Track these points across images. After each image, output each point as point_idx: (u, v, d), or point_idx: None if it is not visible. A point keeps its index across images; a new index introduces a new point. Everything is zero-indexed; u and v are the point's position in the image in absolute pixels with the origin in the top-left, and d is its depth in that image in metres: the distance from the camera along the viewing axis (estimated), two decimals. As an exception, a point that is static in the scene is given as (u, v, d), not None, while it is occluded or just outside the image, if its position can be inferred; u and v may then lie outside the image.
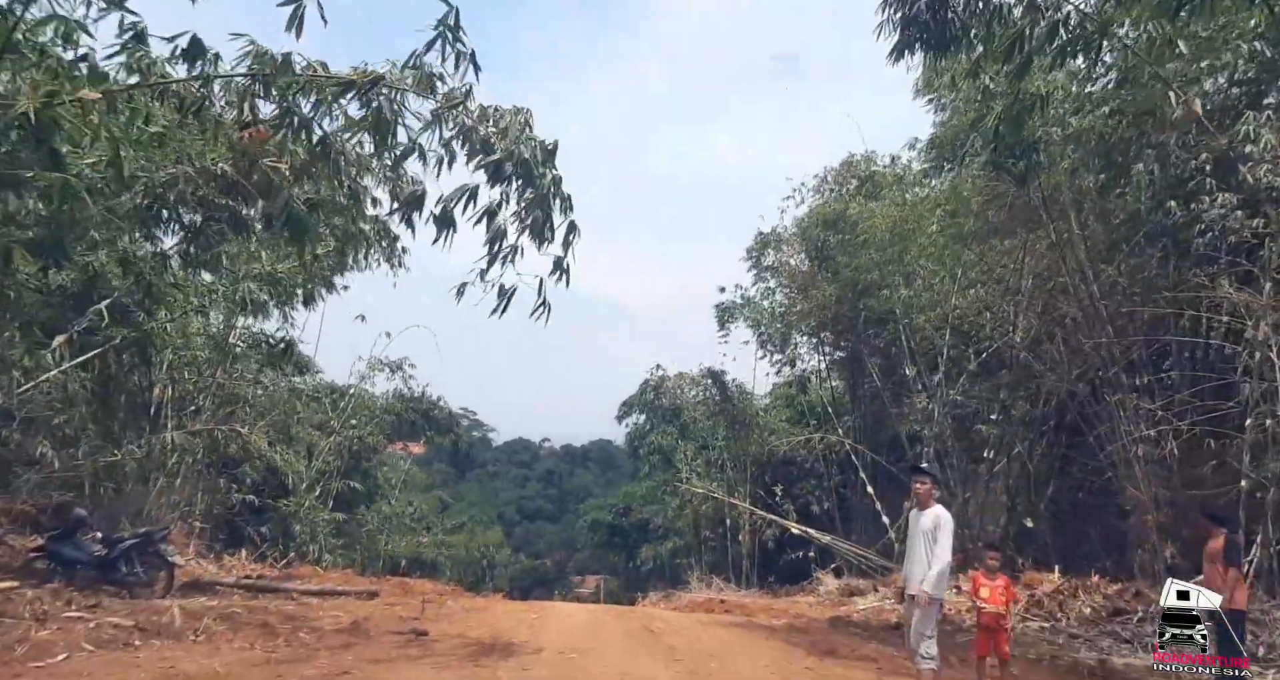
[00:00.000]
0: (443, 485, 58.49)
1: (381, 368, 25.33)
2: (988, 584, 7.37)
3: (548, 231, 5.42)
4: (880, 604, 12.30)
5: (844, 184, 20.95)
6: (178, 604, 7.48)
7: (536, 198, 5.26)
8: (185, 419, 15.41)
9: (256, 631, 6.65)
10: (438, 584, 14.83)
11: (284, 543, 20.15)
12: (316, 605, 8.86)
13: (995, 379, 17.38)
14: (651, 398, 28.73)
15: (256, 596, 9.83)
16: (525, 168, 5.14)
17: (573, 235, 5.63)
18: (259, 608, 8.03)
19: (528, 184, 5.31)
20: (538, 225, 5.40)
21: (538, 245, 5.50)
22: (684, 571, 29.16)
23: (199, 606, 7.57)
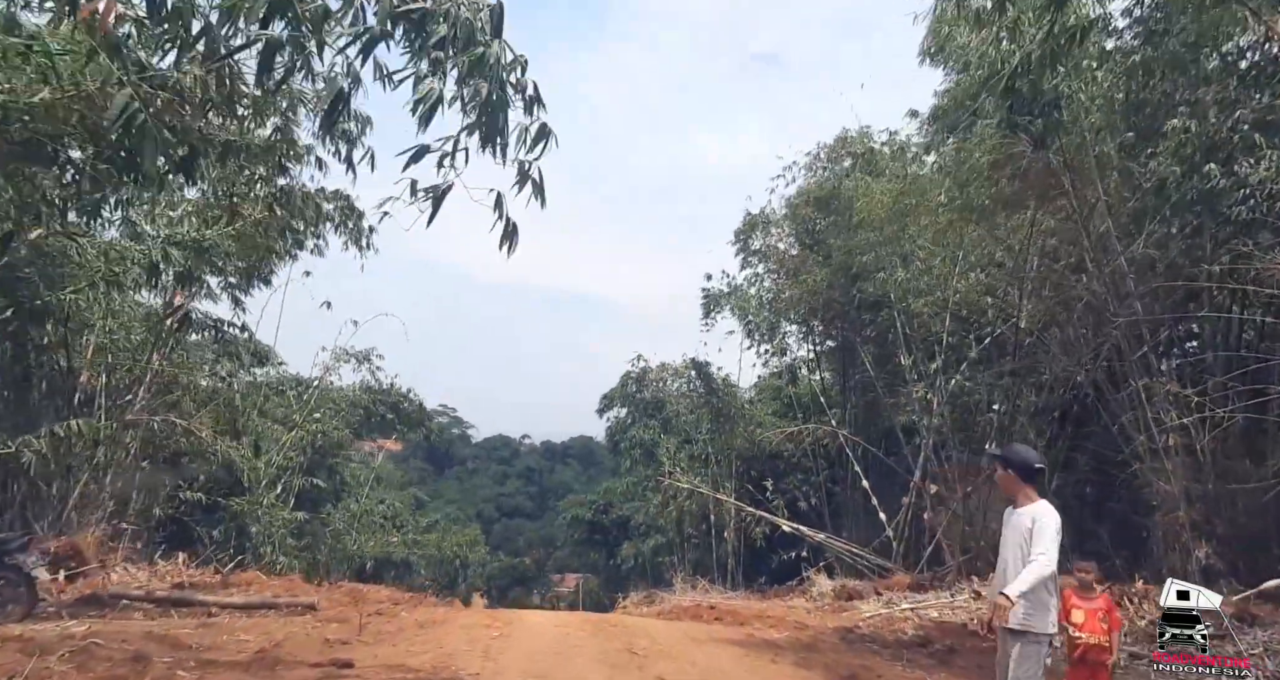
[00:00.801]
0: (420, 482, 56.78)
1: (347, 358, 23.71)
2: (1082, 606, 5.69)
3: (500, 127, 3.90)
4: (888, 611, 10.89)
5: (837, 162, 19.56)
6: (31, 629, 5.93)
7: (482, 75, 3.74)
8: (120, 409, 13.76)
9: (119, 669, 5.11)
10: (396, 590, 13.27)
11: (237, 544, 18.49)
12: (227, 625, 7.32)
13: (998, 366, 16.05)
14: (633, 390, 27.26)
15: (166, 612, 8.26)
16: (465, 30, 3.63)
17: (545, 141, 4.10)
18: (151, 631, 6.50)
19: (474, 68, 3.80)
20: (490, 122, 3.89)
21: (487, 147, 3.98)
22: (666, 570, 27.72)
23: (54, 636, 6.01)
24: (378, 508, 30.83)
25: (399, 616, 10.12)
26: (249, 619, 7.91)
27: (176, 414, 13.79)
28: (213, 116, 7.77)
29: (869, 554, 16.19)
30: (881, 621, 10.20)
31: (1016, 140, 11.32)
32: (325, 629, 7.67)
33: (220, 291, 15.07)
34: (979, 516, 16.10)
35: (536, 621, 9.80)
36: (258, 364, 23.10)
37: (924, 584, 12.95)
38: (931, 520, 16.63)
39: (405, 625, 8.70)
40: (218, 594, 10.33)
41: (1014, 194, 12.93)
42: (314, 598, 9.15)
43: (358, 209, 12.07)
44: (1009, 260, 16.43)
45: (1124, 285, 11.67)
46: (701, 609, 12.58)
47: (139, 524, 14.64)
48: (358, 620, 8.44)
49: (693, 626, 10.06)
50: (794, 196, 19.93)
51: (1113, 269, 11.75)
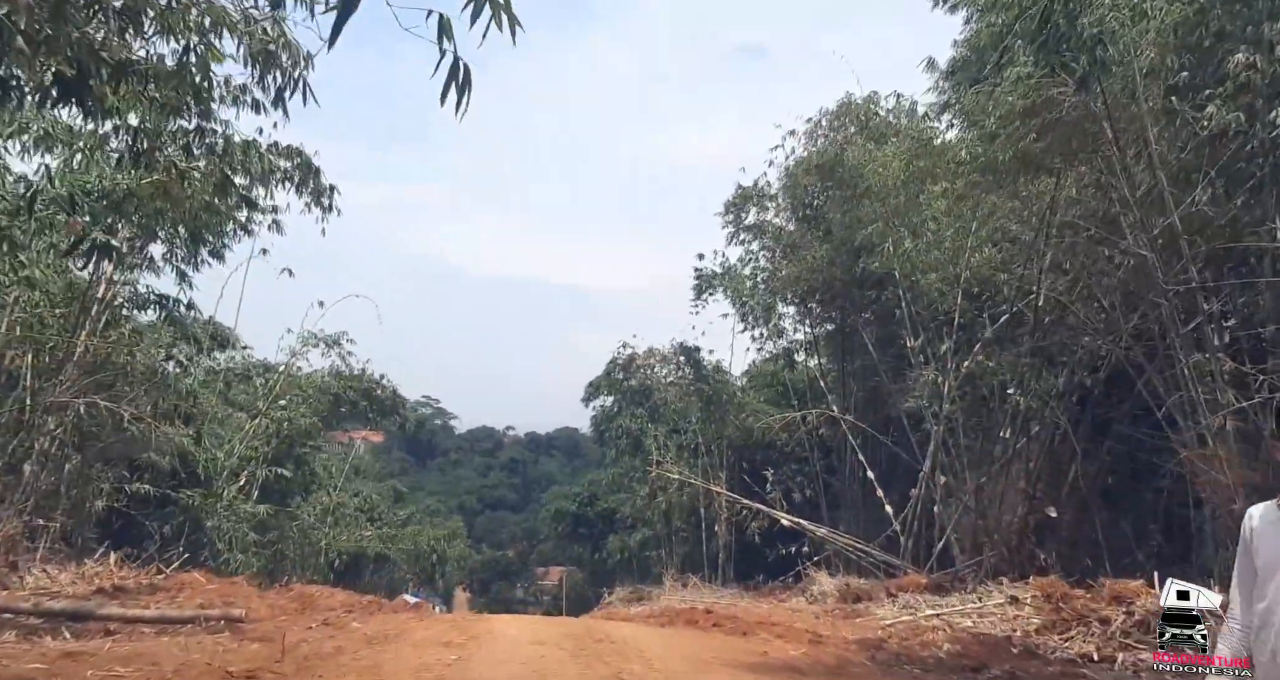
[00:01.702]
0: (401, 474, 55.17)
1: (316, 343, 22.04)
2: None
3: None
4: (911, 618, 9.47)
5: (840, 130, 18.06)
6: None
7: None
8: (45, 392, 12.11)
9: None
10: (352, 595, 11.70)
11: (194, 540, 16.87)
12: (108, 652, 5.77)
13: (1015, 348, 14.66)
14: (619, 377, 25.72)
15: (55, 630, 6.68)
16: None
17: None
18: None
19: None
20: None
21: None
22: (654, 565, 26.33)
23: None
24: (352, 500, 29.27)
25: (347, 628, 8.59)
26: (146, 642, 6.36)
27: (108, 397, 12.11)
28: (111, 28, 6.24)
29: (875, 550, 14.78)
30: (906, 631, 8.77)
31: (1056, 81, 9.87)
32: (241, 652, 6.13)
33: (163, 263, 13.41)
34: (993, 510, 14.74)
35: (509, 634, 8.29)
36: (219, 348, 21.44)
37: (944, 585, 11.55)
38: (941, 514, 15.27)
39: (348, 643, 7.17)
40: (132, 604, 8.75)
41: (1044, 151, 11.47)
42: (240, 609, 7.60)
43: (314, 165, 10.46)
44: (1026, 232, 15.07)
45: (1174, 250, 10.26)
46: (697, 613, 11.11)
47: (70, 520, 12.99)
48: (288, 638, 6.91)
49: (691, 640, 8.59)
50: (793, 165, 18.39)
51: (1160, 231, 10.33)
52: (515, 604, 51.70)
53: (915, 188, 15.45)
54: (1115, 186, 11.11)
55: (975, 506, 14.74)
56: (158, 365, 13.05)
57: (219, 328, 20.55)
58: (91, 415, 12.28)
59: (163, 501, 16.40)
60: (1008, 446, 14.75)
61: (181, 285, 13.31)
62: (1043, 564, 13.74)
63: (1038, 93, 9.99)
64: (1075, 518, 14.61)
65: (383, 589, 36.03)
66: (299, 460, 22.84)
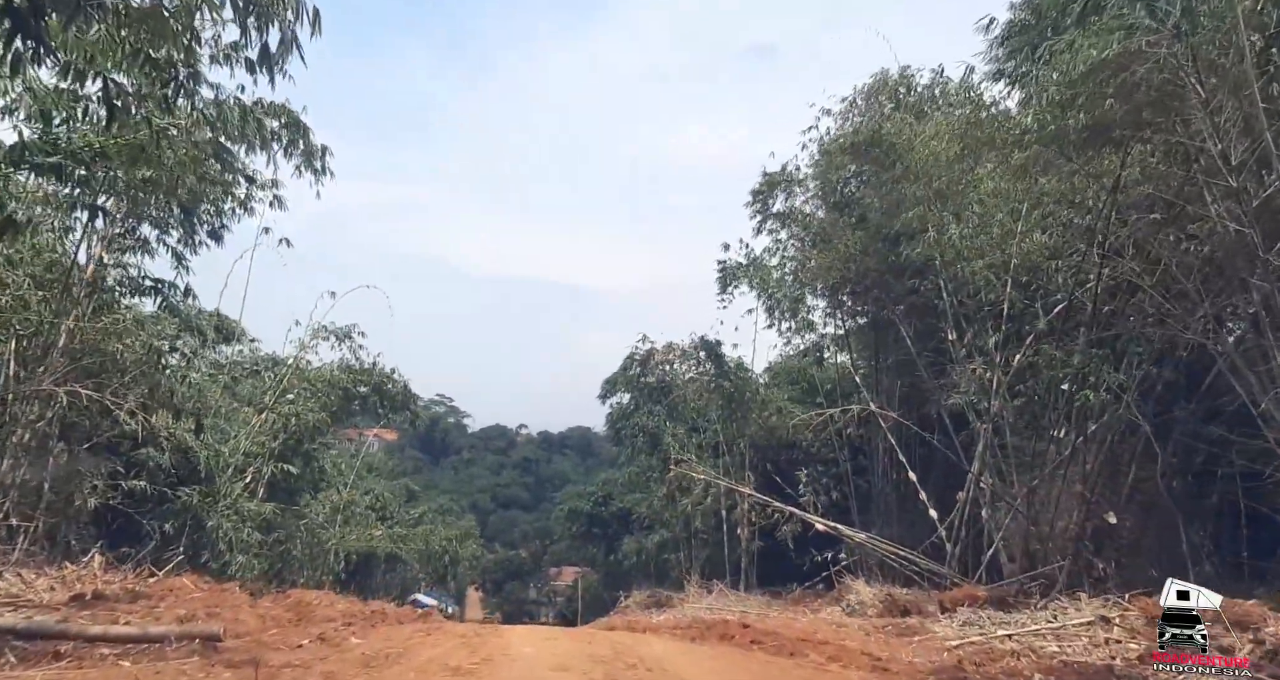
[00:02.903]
0: (414, 472, 54.23)
1: (326, 335, 20.98)
2: None
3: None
4: (982, 639, 8.26)
5: (877, 108, 16.85)
6: None
7: None
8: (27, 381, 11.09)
9: None
10: (354, 603, 10.58)
11: (195, 540, 15.83)
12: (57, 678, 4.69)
13: (1072, 340, 13.42)
14: (637, 373, 24.55)
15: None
16: None
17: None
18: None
19: None
20: None
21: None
22: (671, 567, 25.17)
23: None
24: (363, 499, 28.23)
25: (344, 645, 7.48)
26: (96, 669, 5.26)
27: (95, 386, 11.06)
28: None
29: (919, 558, 13.55)
30: (979, 655, 7.56)
31: (1145, 29, 8.65)
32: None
33: (158, 244, 12.35)
34: (1046, 515, 13.49)
35: (525, 655, 7.14)
36: (224, 341, 20.47)
37: (1006, 599, 10.31)
38: (988, 520, 14.03)
39: (340, 668, 6.06)
40: (106, 615, 7.67)
41: (1122, 116, 10.23)
42: (218, 626, 6.49)
43: (302, 123, 9.40)
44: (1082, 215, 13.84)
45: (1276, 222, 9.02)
46: (731, 627, 9.93)
47: (54, 519, 11.96)
48: (272, 660, 5.81)
49: (732, 663, 7.43)
50: (827, 144, 17.16)
51: (1263, 203, 9.09)
52: (528, 604, 50.65)
53: (962, 166, 14.26)
54: (1201, 153, 9.88)
55: (1027, 512, 13.50)
56: (150, 354, 11.94)
57: (224, 320, 19.58)
58: (78, 406, 11.24)
59: (162, 499, 15.35)
60: (1062, 447, 13.52)
61: (179, 269, 12.25)
62: (1101, 574, 12.52)
63: (1130, 38, 8.74)
64: (1136, 525, 13.38)
65: (395, 588, 35.01)
66: (307, 457, 21.79)
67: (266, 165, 10.01)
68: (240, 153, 9.80)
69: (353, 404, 22.19)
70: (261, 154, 9.44)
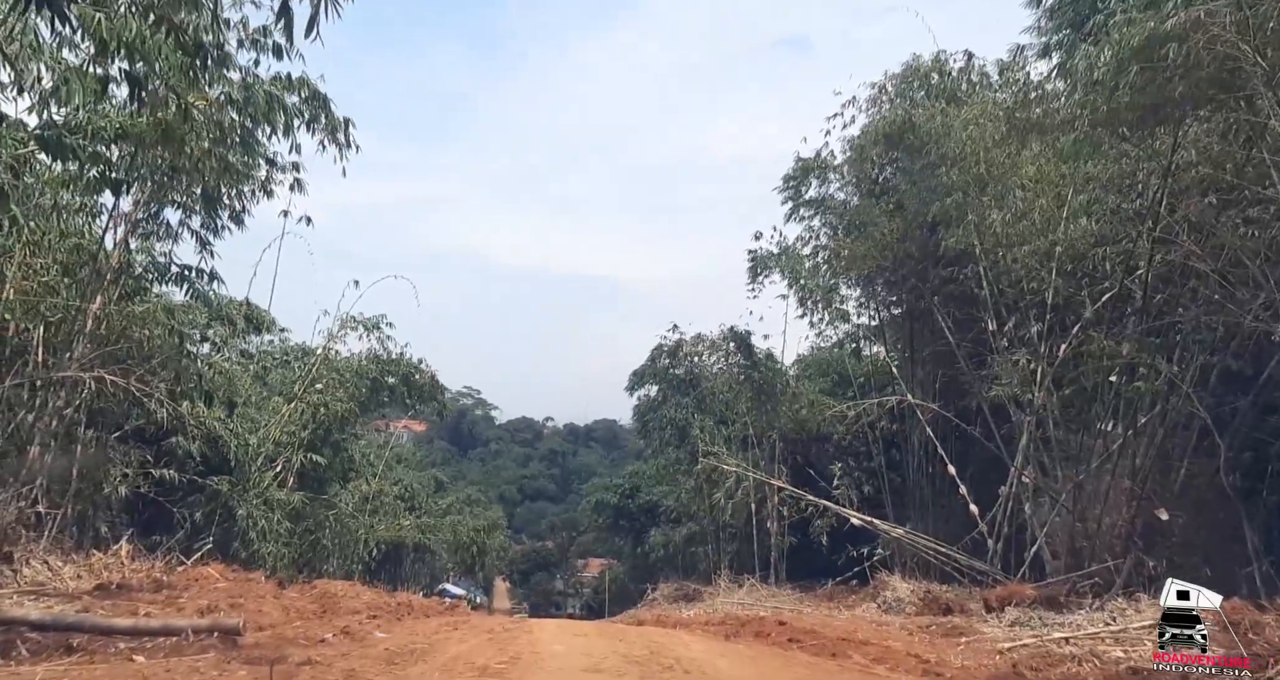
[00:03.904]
0: (443, 464, 54.29)
1: (354, 325, 20.77)
2: None
3: None
4: (1036, 641, 7.74)
5: (907, 95, 16.23)
6: None
7: None
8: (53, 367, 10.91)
9: None
10: (379, 594, 10.30)
11: (225, 529, 15.70)
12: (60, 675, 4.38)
13: (1120, 329, 12.77)
14: (665, 365, 24.08)
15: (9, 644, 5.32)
16: None
17: None
18: None
19: None
20: None
21: None
22: (699, 561, 24.74)
23: None
24: (392, 489, 28.12)
25: (368, 639, 7.16)
26: (105, 666, 4.94)
27: (121, 373, 10.84)
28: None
29: (960, 554, 12.98)
30: (1035, 660, 7.05)
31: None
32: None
33: (181, 228, 12.11)
34: (1093, 511, 12.87)
35: (555, 653, 6.77)
36: (254, 330, 20.34)
37: (1056, 598, 9.75)
38: (1031, 515, 13.43)
39: (363, 665, 5.72)
40: (126, 606, 7.41)
41: (1179, 94, 9.58)
42: (237, 619, 6.17)
43: (323, 95, 9.05)
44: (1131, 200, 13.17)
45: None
46: (767, 624, 9.50)
47: (83, 506, 11.80)
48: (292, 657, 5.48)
49: (772, 663, 6.99)
50: (859, 135, 16.60)
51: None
52: (555, 595, 50.52)
53: (1003, 151, 13.63)
54: (1265, 132, 9.23)
55: (1072, 507, 12.90)
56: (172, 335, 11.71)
57: (254, 309, 19.43)
58: (105, 393, 11.03)
59: (192, 488, 15.21)
60: (1110, 440, 12.89)
61: (202, 253, 11.99)
62: (1152, 573, 11.87)
63: (1189, 8, 8.12)
64: (1189, 522, 12.69)
65: (424, 578, 34.99)
66: (336, 447, 21.64)
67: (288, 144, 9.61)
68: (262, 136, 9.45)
69: (381, 394, 21.96)
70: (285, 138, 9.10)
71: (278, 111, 8.95)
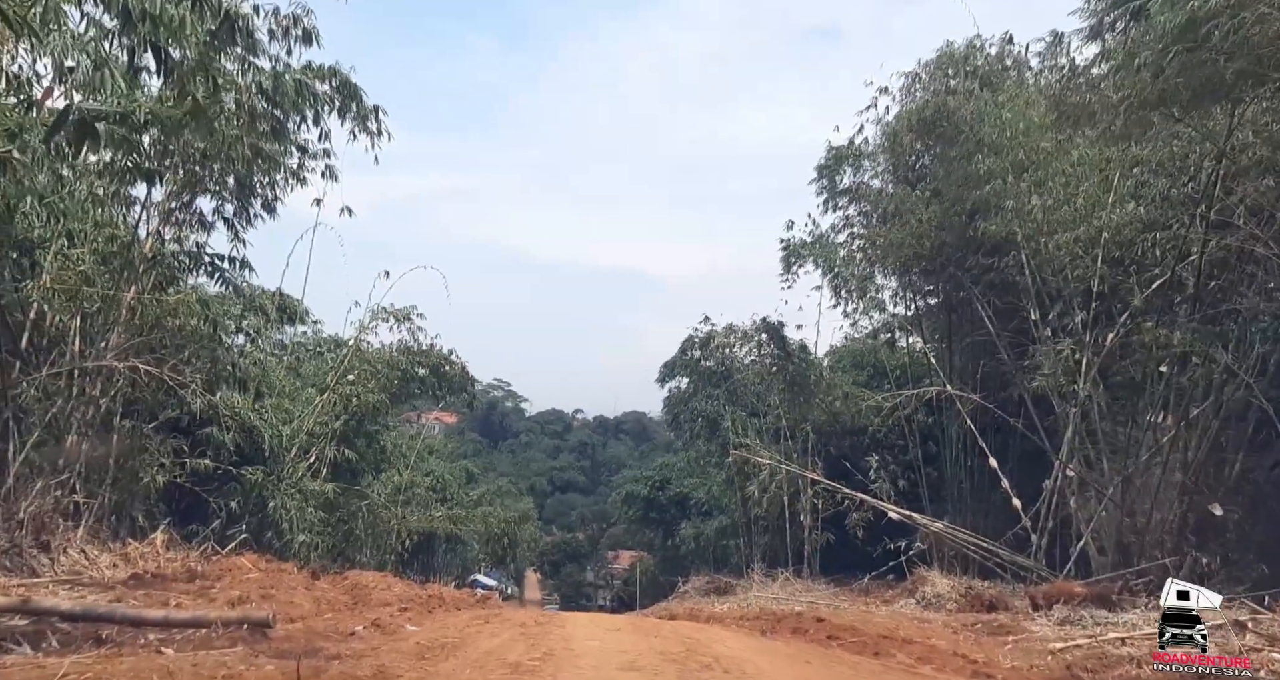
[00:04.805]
0: (474, 455, 54.53)
1: (385, 317, 20.76)
2: None
3: None
4: (1089, 642, 7.37)
5: (942, 81, 15.74)
6: None
7: None
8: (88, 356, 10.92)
9: None
10: (410, 586, 10.19)
11: (259, 519, 15.76)
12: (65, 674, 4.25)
13: (1171, 317, 12.23)
14: (696, 357, 23.79)
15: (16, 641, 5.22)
16: None
17: None
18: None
19: None
20: None
21: None
22: (731, 554, 24.47)
23: None
24: (424, 480, 28.19)
25: (398, 633, 7.02)
26: (131, 659, 4.81)
27: (155, 362, 10.82)
28: None
29: (1002, 549, 12.57)
30: (1091, 661, 6.70)
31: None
32: (249, 676, 4.52)
33: (214, 217, 12.07)
34: (1142, 506, 12.37)
35: (590, 650, 6.56)
36: (287, 321, 20.39)
37: (1108, 596, 9.33)
38: (1076, 510, 12.97)
39: (393, 660, 5.55)
40: (158, 596, 7.34)
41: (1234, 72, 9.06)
42: (267, 611, 6.04)
43: (353, 83, 8.90)
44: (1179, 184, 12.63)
45: None
46: (805, 620, 9.22)
47: (119, 495, 11.84)
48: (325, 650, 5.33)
49: (812, 662, 6.71)
50: (894, 122, 16.14)
51: None
52: (585, 586, 50.56)
53: (1047, 135, 13.13)
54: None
55: (1120, 502, 12.42)
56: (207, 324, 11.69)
57: (287, 299, 19.47)
58: (140, 382, 11.03)
59: (227, 478, 15.27)
60: (1160, 432, 12.38)
61: (235, 241, 11.95)
62: (1205, 570, 11.38)
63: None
64: (1245, 517, 12.16)
65: (456, 568, 35.11)
66: (369, 437, 21.69)
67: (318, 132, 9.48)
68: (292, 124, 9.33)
69: (411, 385, 21.95)
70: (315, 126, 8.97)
71: (307, 99, 8.81)
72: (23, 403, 9.76)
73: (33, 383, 9.78)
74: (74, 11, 6.85)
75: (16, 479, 9.36)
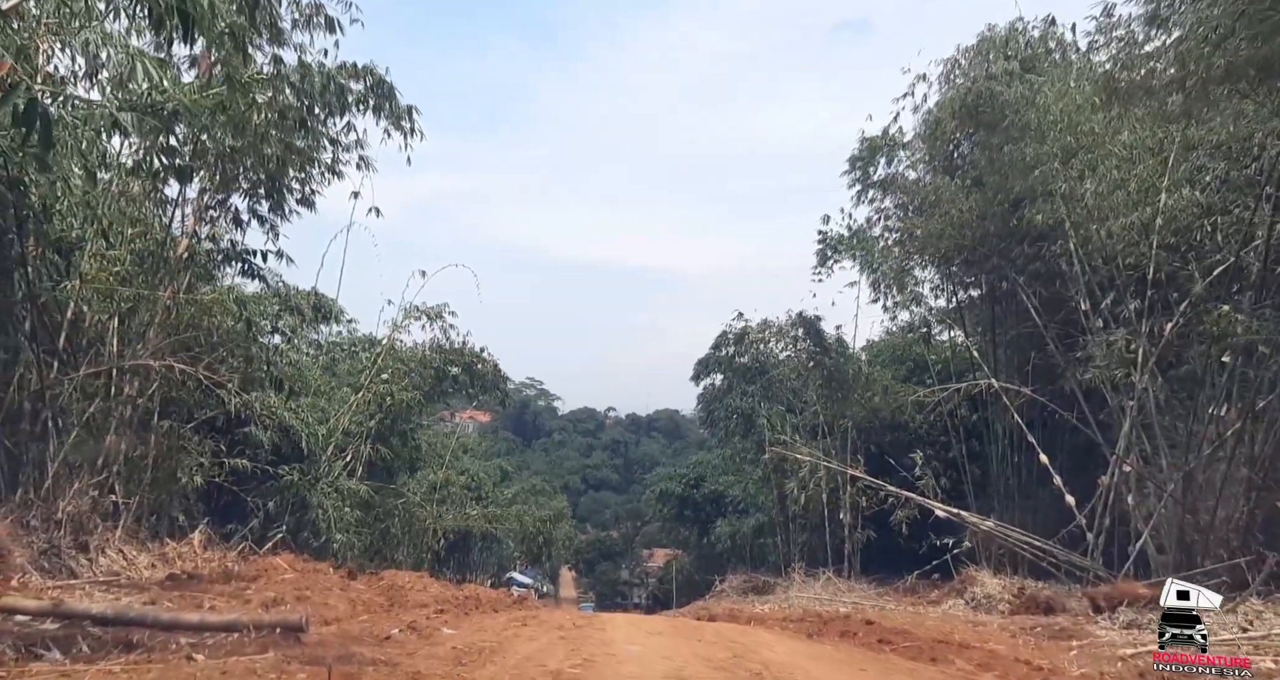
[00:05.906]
0: (507, 453, 54.62)
1: (418, 315, 20.68)
2: None
3: None
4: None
5: (982, 66, 15.18)
6: None
7: None
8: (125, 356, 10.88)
9: None
10: (446, 587, 9.98)
11: (297, 518, 15.73)
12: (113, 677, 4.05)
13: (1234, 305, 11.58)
14: (730, 353, 23.38)
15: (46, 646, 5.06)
16: None
17: None
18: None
19: None
20: None
21: None
22: (768, 552, 24.04)
23: None
24: (459, 478, 28.15)
25: (435, 636, 6.79)
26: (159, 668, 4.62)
27: (190, 360, 10.74)
28: None
29: (1056, 548, 12.03)
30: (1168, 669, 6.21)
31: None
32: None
33: (248, 214, 11.97)
34: (1205, 502, 11.76)
35: (632, 655, 6.26)
36: (323, 320, 20.41)
37: (1176, 599, 8.77)
38: (1134, 507, 12.37)
39: (429, 666, 5.30)
40: (194, 597, 7.19)
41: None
42: (300, 615, 5.82)
43: (387, 82, 8.70)
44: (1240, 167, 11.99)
45: None
46: (853, 623, 8.83)
47: (158, 495, 11.81)
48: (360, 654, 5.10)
49: (865, 668, 6.33)
50: (933, 109, 15.61)
51: None
52: (620, 585, 50.35)
53: (1097, 117, 12.54)
54: None
55: (1182, 498, 11.81)
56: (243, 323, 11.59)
57: (322, 298, 19.46)
58: (176, 381, 10.98)
59: (264, 477, 15.24)
60: (1224, 426, 11.74)
61: (269, 236, 11.85)
62: (1275, 568, 10.75)
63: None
64: (1316, 514, 11.48)
65: (492, 566, 35.12)
66: (404, 436, 21.64)
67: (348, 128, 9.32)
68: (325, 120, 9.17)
69: (444, 384, 21.85)
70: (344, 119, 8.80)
71: (333, 93, 8.62)
72: (61, 402, 9.73)
73: (71, 382, 9.74)
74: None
75: (55, 479, 9.32)
